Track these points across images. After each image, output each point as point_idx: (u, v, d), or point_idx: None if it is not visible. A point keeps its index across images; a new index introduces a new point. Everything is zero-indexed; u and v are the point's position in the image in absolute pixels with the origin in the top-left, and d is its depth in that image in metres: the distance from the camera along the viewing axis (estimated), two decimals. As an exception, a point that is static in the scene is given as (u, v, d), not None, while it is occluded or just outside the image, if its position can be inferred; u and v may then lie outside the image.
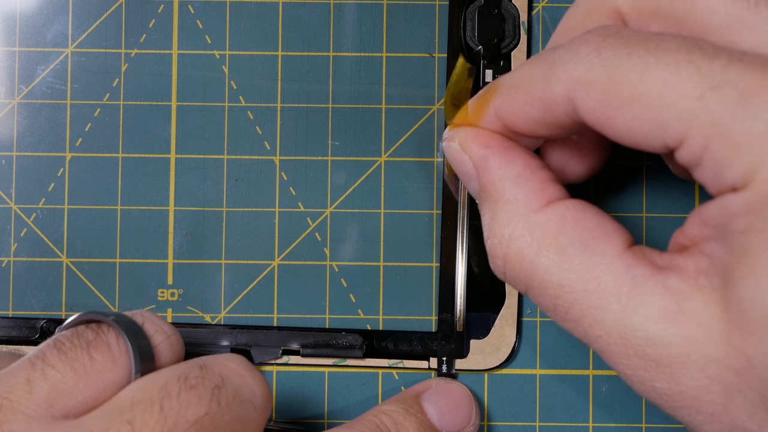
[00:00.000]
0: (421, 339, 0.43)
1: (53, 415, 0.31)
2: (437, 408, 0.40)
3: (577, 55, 0.31)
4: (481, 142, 0.35)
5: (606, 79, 0.30)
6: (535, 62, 0.33)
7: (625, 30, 0.31)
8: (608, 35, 0.31)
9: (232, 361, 0.34)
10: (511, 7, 0.43)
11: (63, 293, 0.42)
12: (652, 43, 0.30)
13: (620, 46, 0.30)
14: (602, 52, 0.30)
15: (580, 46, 0.31)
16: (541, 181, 0.34)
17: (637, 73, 0.29)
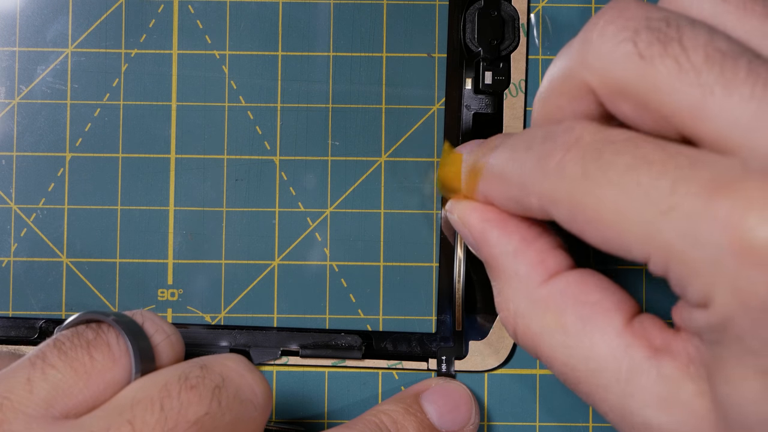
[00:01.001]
0: (420, 340, 0.43)
1: (53, 414, 0.31)
2: (437, 407, 0.40)
3: (543, 170, 0.32)
4: (479, 215, 0.36)
5: (569, 200, 0.31)
6: (511, 159, 0.34)
7: (585, 138, 0.31)
8: (570, 146, 0.31)
9: (233, 360, 0.34)
10: (510, 9, 0.43)
11: (63, 293, 0.42)
12: (605, 160, 0.30)
13: (578, 163, 0.31)
14: (564, 168, 0.31)
15: (547, 158, 0.32)
16: (540, 252, 0.35)
17: (594, 197, 0.30)
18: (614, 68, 0.31)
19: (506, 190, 0.34)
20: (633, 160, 0.29)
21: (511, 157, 0.34)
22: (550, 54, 0.43)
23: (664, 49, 0.30)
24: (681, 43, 0.30)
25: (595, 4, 0.43)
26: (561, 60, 0.33)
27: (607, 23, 0.31)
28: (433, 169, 0.43)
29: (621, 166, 0.30)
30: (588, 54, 0.31)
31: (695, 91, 0.29)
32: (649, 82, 0.30)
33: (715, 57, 0.29)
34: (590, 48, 0.31)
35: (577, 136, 0.31)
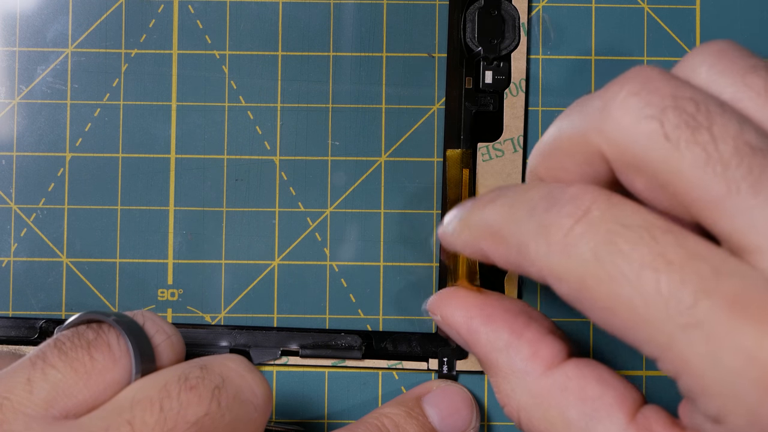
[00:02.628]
0: (420, 340, 0.43)
1: (53, 415, 0.31)
2: (438, 411, 0.40)
3: (546, 240, 0.30)
4: (462, 312, 0.36)
5: (577, 283, 0.29)
6: (510, 219, 0.32)
7: (594, 213, 0.29)
8: (577, 219, 0.29)
9: (233, 361, 0.34)
10: (511, 9, 0.43)
11: (63, 293, 0.42)
12: (619, 250, 0.28)
13: (588, 244, 0.29)
14: (572, 246, 0.29)
15: (551, 228, 0.30)
16: (532, 343, 0.35)
17: (605, 287, 0.29)
18: (634, 144, 0.29)
19: (504, 252, 0.32)
20: (651, 258, 0.28)
21: (509, 217, 0.32)
22: (550, 53, 0.43)
23: (693, 136, 0.28)
24: (711, 131, 0.28)
25: (595, 4, 0.43)
26: (573, 119, 0.32)
27: (631, 95, 0.29)
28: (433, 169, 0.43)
29: (637, 261, 0.28)
30: (606, 123, 0.30)
31: (720, 185, 0.28)
32: (672, 165, 0.29)
33: (744, 151, 0.28)
34: (610, 117, 0.30)
35: (585, 208, 0.29)
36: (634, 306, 0.28)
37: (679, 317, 0.27)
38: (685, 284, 0.27)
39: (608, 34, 0.43)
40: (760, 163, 0.27)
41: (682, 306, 0.27)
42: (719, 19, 0.43)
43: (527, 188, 0.33)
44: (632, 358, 0.43)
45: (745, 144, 0.28)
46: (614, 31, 0.43)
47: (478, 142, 0.42)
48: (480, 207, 0.34)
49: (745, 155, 0.28)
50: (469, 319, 0.36)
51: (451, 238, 0.35)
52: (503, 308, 0.36)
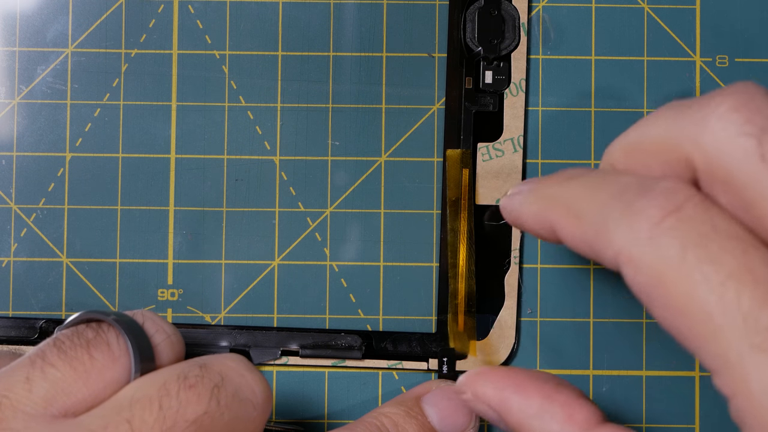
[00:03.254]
0: (420, 340, 0.43)
1: (52, 413, 0.31)
2: (438, 411, 0.40)
3: (632, 226, 0.29)
4: (493, 385, 0.35)
5: (656, 276, 0.28)
6: (592, 198, 0.31)
7: (685, 211, 0.29)
8: (667, 213, 0.29)
9: (232, 360, 0.34)
10: (511, 9, 0.43)
11: (63, 293, 0.42)
12: (710, 253, 0.28)
13: (675, 238, 0.28)
14: (656, 237, 0.28)
15: (637, 214, 0.29)
16: (565, 406, 0.34)
17: (684, 287, 0.28)
18: (727, 159, 0.29)
19: (580, 230, 0.31)
20: (738, 270, 0.27)
21: (593, 196, 0.31)
22: (550, 53, 0.43)
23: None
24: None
25: (595, 4, 0.43)
26: (667, 123, 0.31)
27: (732, 110, 0.29)
28: (433, 169, 0.43)
29: (725, 270, 0.27)
30: (702, 134, 0.29)
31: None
32: (762, 187, 0.28)
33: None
34: (708, 128, 0.29)
35: (678, 204, 0.29)
36: (709, 314, 0.27)
37: (753, 336, 0.27)
38: (766, 305, 0.27)
39: (608, 34, 0.43)
40: None
41: (760, 326, 0.27)
42: (719, 19, 0.43)
43: (616, 173, 0.32)
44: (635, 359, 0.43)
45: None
46: (614, 31, 0.43)
47: (478, 142, 0.42)
48: (559, 181, 0.33)
49: None
50: (500, 391, 0.35)
51: (519, 206, 0.35)
52: (532, 376, 0.35)
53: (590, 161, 0.43)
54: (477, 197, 0.42)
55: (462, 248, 0.42)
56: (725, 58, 0.43)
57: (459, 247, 0.42)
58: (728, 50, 0.43)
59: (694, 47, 0.43)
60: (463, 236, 0.42)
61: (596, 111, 0.43)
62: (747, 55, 0.43)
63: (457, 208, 0.42)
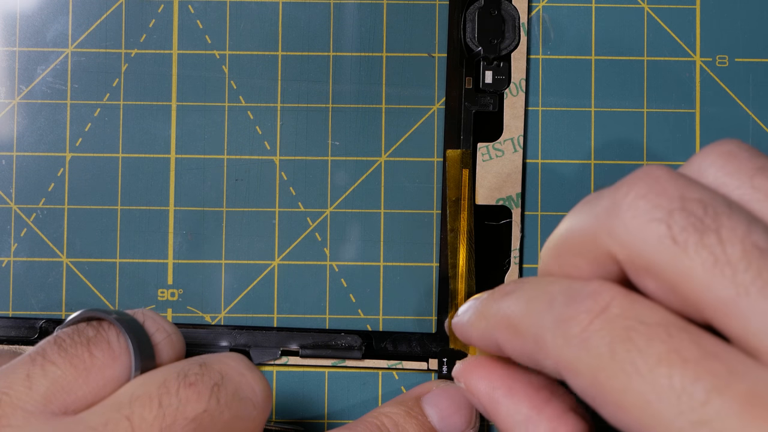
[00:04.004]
0: (420, 340, 0.43)
1: (52, 410, 0.31)
2: (438, 411, 0.40)
3: (564, 334, 0.30)
4: (486, 382, 0.35)
5: (591, 377, 0.29)
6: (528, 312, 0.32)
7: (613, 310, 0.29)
8: (596, 314, 0.29)
9: (232, 359, 0.34)
10: (511, 9, 0.43)
11: (63, 293, 0.42)
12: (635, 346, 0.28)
13: (604, 339, 0.29)
14: (588, 341, 0.29)
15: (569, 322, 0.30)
16: (551, 419, 0.34)
17: (620, 383, 0.28)
18: (644, 247, 0.29)
19: (520, 344, 0.32)
20: (666, 354, 0.28)
21: (527, 310, 0.32)
22: (550, 53, 0.43)
23: (700, 239, 0.28)
24: (718, 234, 0.28)
25: (595, 4, 0.43)
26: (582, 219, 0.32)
27: (639, 197, 0.29)
28: (433, 169, 0.43)
29: (653, 356, 0.28)
30: (616, 226, 0.30)
31: (729, 289, 0.28)
32: (680, 269, 0.29)
33: (753, 254, 0.28)
34: (618, 220, 0.30)
35: (604, 304, 0.30)
36: (646, 401, 0.28)
37: (690, 414, 0.27)
38: (698, 381, 0.27)
39: (608, 34, 0.43)
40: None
41: (695, 402, 0.27)
42: (719, 19, 0.43)
43: (547, 282, 0.33)
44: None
45: (754, 246, 0.28)
46: (614, 31, 0.43)
47: (478, 142, 0.42)
48: (497, 298, 0.34)
49: (754, 258, 0.28)
50: (492, 390, 0.35)
51: (467, 328, 0.36)
52: (526, 381, 0.35)
53: (590, 161, 0.43)
54: (477, 197, 0.42)
55: (462, 248, 0.42)
56: (725, 58, 0.43)
57: (459, 247, 0.42)
58: (728, 50, 0.43)
59: (694, 47, 0.43)
60: (463, 236, 0.42)
61: (596, 111, 0.43)
62: (747, 55, 0.43)
63: (457, 208, 0.42)
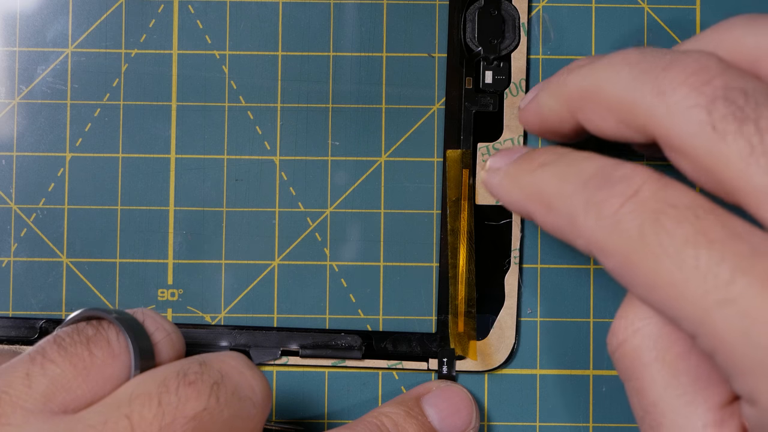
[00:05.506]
0: (420, 340, 0.42)
1: (52, 409, 0.31)
2: (438, 411, 0.40)
3: (598, 216, 0.31)
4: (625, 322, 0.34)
5: (622, 257, 0.30)
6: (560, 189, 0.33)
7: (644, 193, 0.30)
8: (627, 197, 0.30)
9: (232, 358, 0.34)
10: (511, 9, 0.43)
11: (63, 293, 0.42)
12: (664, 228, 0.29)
13: (635, 221, 0.30)
14: (620, 223, 0.30)
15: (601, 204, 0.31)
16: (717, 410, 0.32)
17: (649, 263, 0.29)
18: (683, 131, 0.30)
19: (552, 220, 0.33)
20: (693, 235, 0.29)
21: (561, 188, 0.33)
22: (550, 53, 0.43)
23: (739, 128, 0.29)
24: (757, 124, 0.29)
25: (595, 4, 0.43)
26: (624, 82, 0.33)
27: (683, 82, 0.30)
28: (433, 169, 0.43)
29: (680, 238, 0.29)
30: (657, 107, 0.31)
31: (764, 177, 0.29)
32: (717, 156, 0.29)
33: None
34: (661, 102, 0.31)
35: (635, 188, 0.30)
36: (674, 281, 0.29)
37: (716, 292, 0.28)
38: (724, 261, 0.28)
39: (608, 34, 0.43)
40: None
41: (720, 282, 0.28)
42: (719, 19, 0.43)
43: (579, 159, 0.33)
44: (633, 357, 0.43)
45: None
46: (614, 31, 0.43)
47: (478, 142, 0.42)
48: (531, 169, 0.35)
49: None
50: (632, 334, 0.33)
51: (500, 192, 0.37)
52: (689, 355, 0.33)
53: (590, 161, 0.43)
54: (477, 197, 0.42)
55: (462, 248, 0.42)
56: (725, 58, 0.43)
57: (459, 247, 0.42)
58: (728, 50, 0.43)
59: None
60: (463, 236, 0.42)
61: (596, 111, 0.43)
62: (747, 55, 0.43)
63: (457, 208, 0.42)
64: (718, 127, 0.29)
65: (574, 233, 0.32)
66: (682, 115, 0.30)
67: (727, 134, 0.29)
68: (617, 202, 0.30)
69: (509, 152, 0.38)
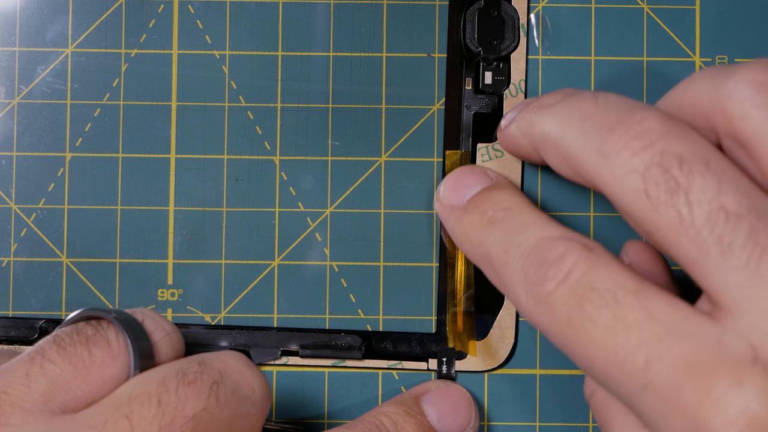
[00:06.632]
0: (420, 340, 0.43)
1: (51, 409, 0.31)
2: (437, 410, 0.40)
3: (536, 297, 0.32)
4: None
5: (559, 338, 0.32)
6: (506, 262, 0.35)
7: (573, 276, 0.32)
8: (560, 281, 0.32)
9: (231, 357, 0.34)
10: (510, 9, 0.43)
11: (63, 293, 0.42)
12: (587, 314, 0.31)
13: (565, 304, 0.31)
14: (553, 305, 0.32)
15: (539, 286, 0.32)
16: None
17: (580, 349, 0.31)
18: (624, 196, 0.31)
19: (500, 285, 0.35)
20: (612, 321, 0.30)
21: (502, 257, 0.35)
22: (550, 54, 0.43)
23: (670, 198, 0.30)
24: (687, 195, 0.30)
25: (594, 5, 0.43)
26: (575, 140, 0.34)
27: (624, 145, 0.31)
28: (433, 169, 0.43)
29: (602, 325, 0.30)
30: (602, 168, 0.32)
31: (692, 248, 0.30)
32: (652, 222, 0.31)
33: (718, 218, 0.29)
34: (605, 164, 0.32)
35: (566, 271, 0.32)
36: (602, 366, 0.30)
37: (635, 378, 0.29)
38: (639, 348, 0.29)
39: (608, 35, 0.43)
40: (732, 229, 0.29)
41: (637, 368, 0.29)
42: (719, 19, 0.43)
43: (520, 227, 0.35)
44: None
45: (720, 209, 0.29)
46: (614, 31, 0.43)
47: (478, 142, 0.42)
48: (480, 224, 0.37)
49: (718, 222, 0.29)
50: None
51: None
52: None
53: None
54: (477, 197, 0.42)
55: (462, 248, 0.42)
56: (725, 58, 0.43)
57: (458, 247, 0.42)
58: (728, 50, 0.43)
59: (694, 47, 0.43)
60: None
61: (596, 111, 0.43)
62: (747, 55, 0.43)
63: None
64: (651, 194, 0.30)
65: (518, 308, 0.34)
66: (621, 179, 0.31)
67: (659, 203, 0.30)
68: (551, 286, 0.32)
69: (462, 183, 0.39)
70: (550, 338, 0.32)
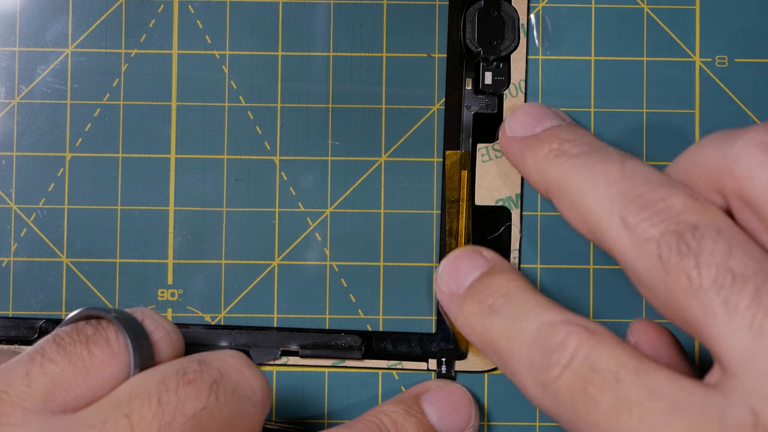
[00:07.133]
0: (420, 340, 0.43)
1: (51, 408, 0.31)
2: (437, 409, 0.40)
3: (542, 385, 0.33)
4: None
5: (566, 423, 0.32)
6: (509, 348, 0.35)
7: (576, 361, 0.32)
8: (563, 367, 0.32)
9: (231, 357, 0.34)
10: (510, 9, 0.43)
11: (63, 293, 0.42)
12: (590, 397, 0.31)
13: (569, 389, 0.32)
14: (558, 390, 0.32)
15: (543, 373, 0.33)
16: None
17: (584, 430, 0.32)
18: (639, 262, 0.32)
19: (507, 373, 0.35)
20: (615, 403, 0.30)
21: (507, 346, 0.35)
22: (550, 54, 0.43)
23: (681, 260, 0.31)
24: (697, 259, 0.30)
25: (594, 5, 0.43)
26: (597, 203, 0.34)
27: (646, 218, 0.32)
28: (433, 169, 0.43)
29: (605, 408, 0.30)
30: (622, 237, 0.33)
31: (700, 310, 0.30)
32: (664, 287, 0.31)
33: (724, 280, 0.30)
34: (625, 233, 0.33)
35: (569, 356, 0.32)
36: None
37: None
38: (642, 424, 0.30)
39: (608, 35, 0.43)
40: (738, 291, 0.30)
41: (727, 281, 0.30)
42: (719, 19, 0.43)
43: (522, 315, 0.35)
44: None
45: (727, 272, 0.30)
46: (614, 31, 0.43)
47: (478, 142, 0.43)
48: (482, 313, 0.37)
49: (724, 284, 0.30)
50: None
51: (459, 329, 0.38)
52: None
53: (590, 161, 0.43)
54: (476, 198, 0.42)
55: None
56: (725, 58, 0.43)
57: (457, 247, 0.42)
58: (728, 50, 0.43)
59: (693, 47, 0.43)
60: (461, 238, 0.42)
61: (595, 111, 0.43)
62: (747, 55, 0.43)
63: (456, 208, 0.42)
64: (664, 258, 0.31)
65: (527, 396, 0.34)
66: (639, 248, 0.32)
67: (671, 267, 0.31)
68: (555, 372, 0.32)
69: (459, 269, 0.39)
70: (559, 423, 0.33)
